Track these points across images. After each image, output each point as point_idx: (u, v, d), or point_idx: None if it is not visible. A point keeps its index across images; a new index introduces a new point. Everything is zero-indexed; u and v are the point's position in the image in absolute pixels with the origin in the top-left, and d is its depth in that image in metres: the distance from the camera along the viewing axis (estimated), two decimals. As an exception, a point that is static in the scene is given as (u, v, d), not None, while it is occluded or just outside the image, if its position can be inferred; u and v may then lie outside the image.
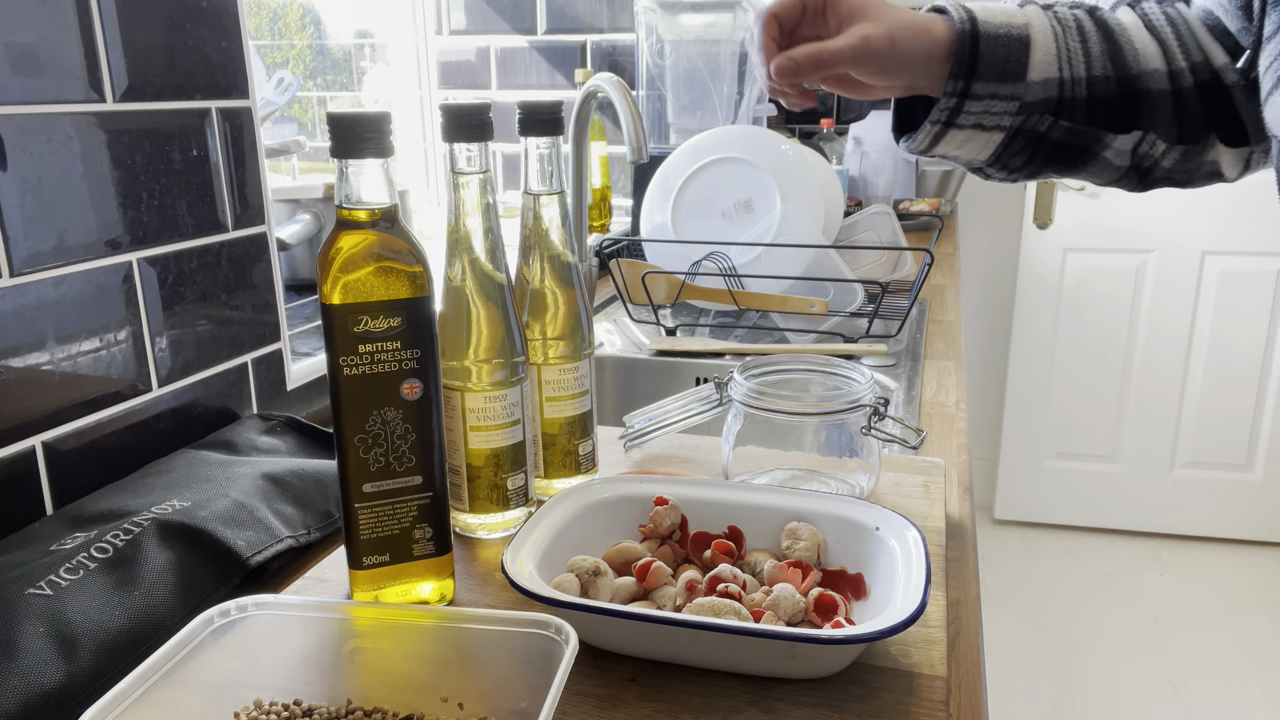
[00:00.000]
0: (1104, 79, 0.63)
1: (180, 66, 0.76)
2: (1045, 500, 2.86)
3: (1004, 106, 0.62)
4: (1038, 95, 0.62)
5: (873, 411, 0.70)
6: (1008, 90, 0.62)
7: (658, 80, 1.79)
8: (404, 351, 0.55)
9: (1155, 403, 2.71)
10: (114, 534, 0.60)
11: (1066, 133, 0.64)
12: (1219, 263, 2.59)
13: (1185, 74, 0.64)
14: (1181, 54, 0.64)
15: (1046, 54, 0.62)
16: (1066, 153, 0.65)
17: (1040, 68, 0.62)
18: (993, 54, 0.61)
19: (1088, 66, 0.63)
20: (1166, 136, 0.65)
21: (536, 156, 0.70)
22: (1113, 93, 0.63)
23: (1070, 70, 0.63)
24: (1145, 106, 0.63)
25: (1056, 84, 0.62)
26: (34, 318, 0.65)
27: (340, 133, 0.53)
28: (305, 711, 0.49)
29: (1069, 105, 0.63)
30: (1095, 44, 0.63)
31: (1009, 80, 0.62)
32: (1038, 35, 0.62)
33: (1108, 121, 0.64)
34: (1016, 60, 0.62)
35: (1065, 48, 0.63)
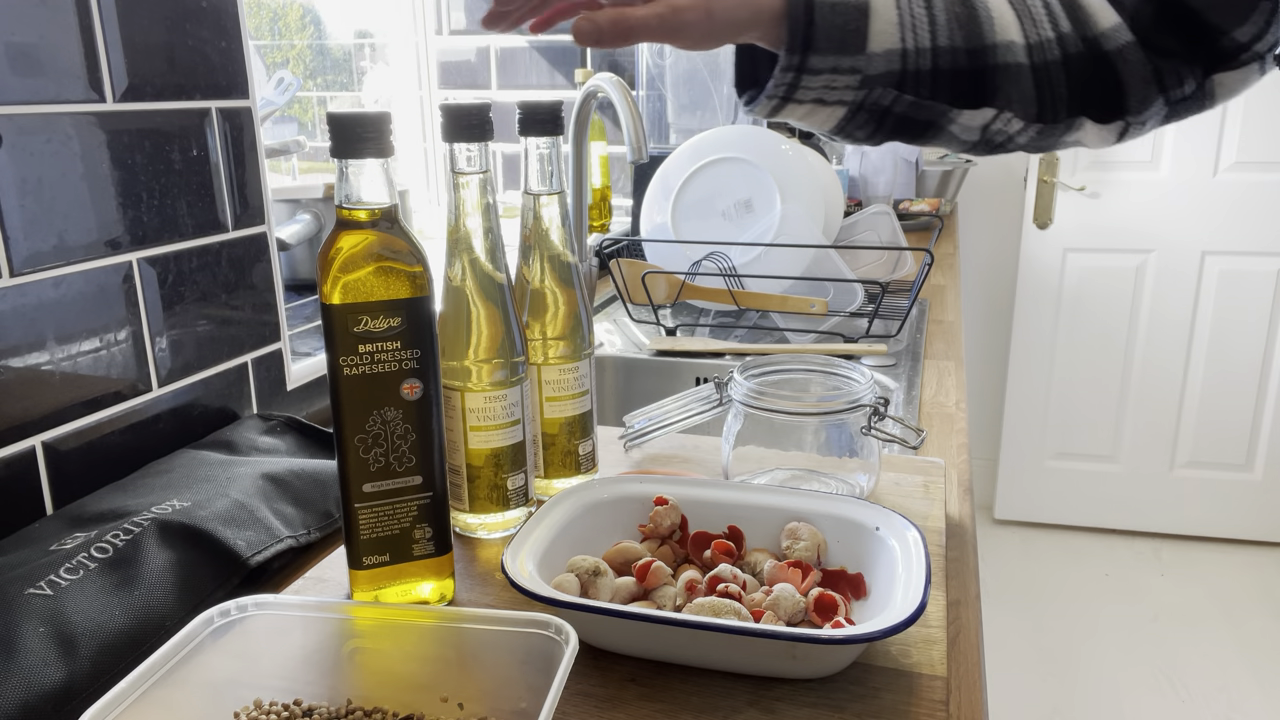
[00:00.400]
0: (950, 50, 0.58)
1: (180, 66, 0.76)
2: (1045, 500, 2.86)
3: (845, 81, 0.57)
4: (879, 68, 0.57)
5: (873, 411, 0.70)
6: (848, 63, 0.56)
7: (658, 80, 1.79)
8: (404, 351, 0.55)
9: (1155, 403, 2.71)
10: (114, 534, 0.60)
11: (910, 107, 0.59)
12: (1219, 263, 2.59)
13: (1050, 45, 0.59)
14: (1048, 23, 0.59)
15: (888, 22, 0.56)
16: (911, 126, 0.60)
17: (881, 38, 0.56)
18: (829, 23, 0.55)
19: (933, 35, 0.57)
20: (1024, 115, 0.60)
21: (536, 156, 0.70)
22: (960, 65, 0.58)
23: (914, 40, 0.57)
24: (1000, 82, 0.58)
25: (899, 55, 0.57)
26: (34, 318, 0.65)
27: (340, 133, 0.53)
28: (305, 711, 0.49)
29: (912, 78, 0.57)
30: (942, 10, 0.58)
31: (848, 52, 0.56)
32: (878, 2, 0.56)
33: (954, 97, 0.59)
34: (855, 30, 0.56)
35: (910, 14, 0.57)
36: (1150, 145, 2.55)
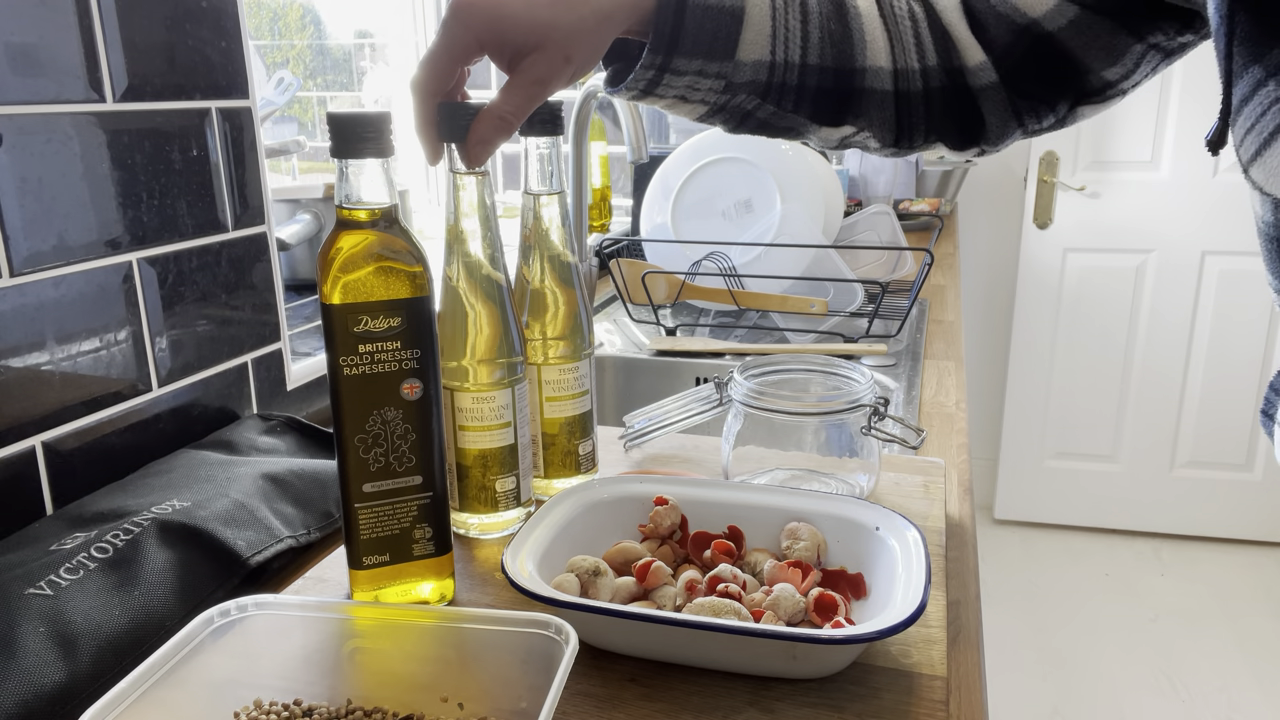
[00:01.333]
0: (819, 69, 0.58)
1: (180, 66, 0.76)
2: (1045, 500, 2.86)
3: (709, 84, 0.57)
4: (745, 76, 0.57)
5: (873, 411, 0.70)
6: (714, 68, 0.56)
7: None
8: (404, 351, 0.55)
9: (1155, 403, 2.71)
10: (114, 534, 0.60)
11: (771, 115, 0.59)
12: (1219, 263, 2.59)
13: (914, 76, 0.59)
14: (916, 53, 0.59)
15: (760, 33, 0.56)
16: (770, 129, 0.61)
17: (751, 48, 0.56)
18: (699, 28, 0.55)
19: (803, 52, 0.57)
20: (880, 138, 0.61)
21: (536, 156, 0.70)
22: (827, 84, 0.58)
23: (784, 53, 0.57)
24: (863, 104, 0.59)
25: (767, 67, 0.57)
26: (34, 318, 0.65)
27: (340, 133, 0.53)
28: (305, 711, 0.49)
29: (777, 90, 0.58)
30: (817, 27, 0.57)
31: (715, 58, 0.56)
32: (753, 10, 0.56)
33: (815, 113, 0.59)
34: (726, 35, 0.55)
35: (784, 27, 0.56)
36: (1150, 145, 2.56)
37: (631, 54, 0.60)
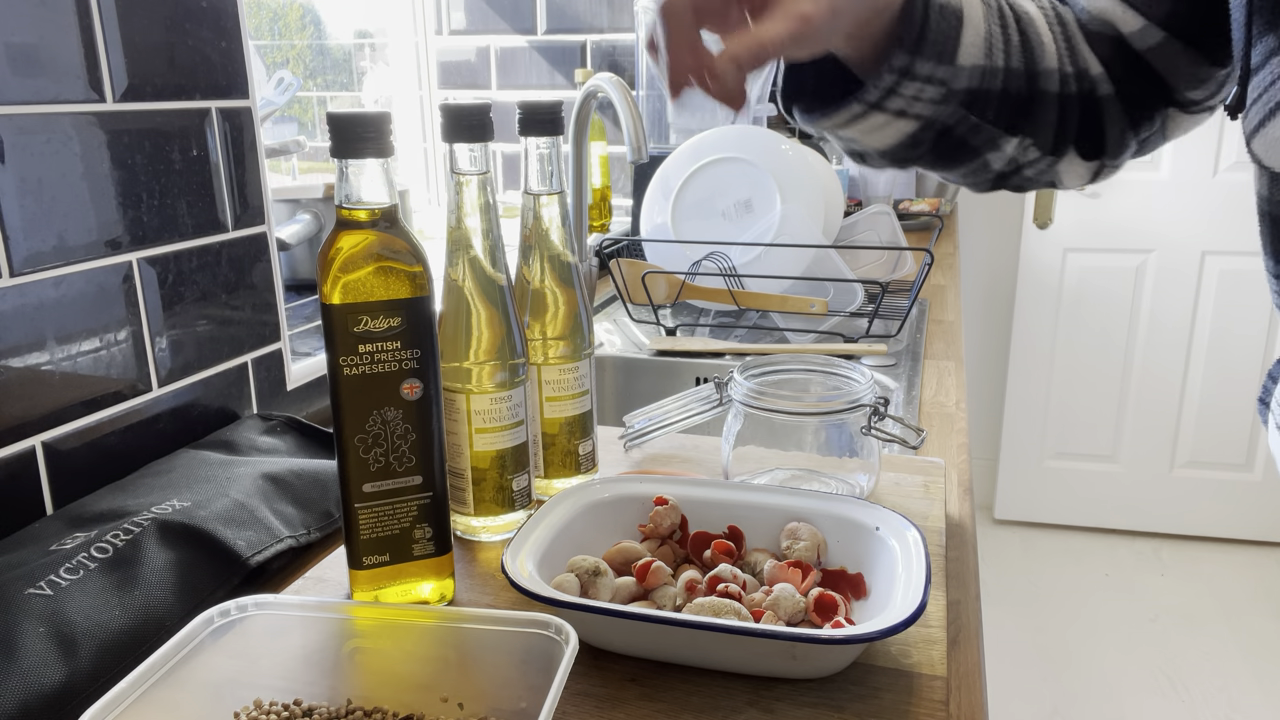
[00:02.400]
0: (1018, 73, 0.56)
1: (180, 66, 0.76)
2: (1045, 500, 2.86)
3: (932, 92, 0.54)
4: (963, 83, 0.54)
5: (873, 411, 0.70)
6: (941, 73, 0.53)
7: (658, 80, 1.79)
8: (404, 351, 0.55)
9: (1155, 403, 2.71)
10: (114, 534, 0.60)
11: (970, 130, 0.57)
12: (1219, 263, 2.59)
13: (1071, 80, 0.58)
14: (1070, 59, 0.58)
15: (977, 35, 0.54)
16: (959, 151, 0.59)
17: (970, 51, 0.54)
18: (938, 27, 0.52)
19: (1006, 56, 0.55)
20: (1042, 145, 0.59)
21: (536, 156, 0.70)
22: (1021, 90, 0.56)
23: (992, 59, 0.55)
24: (1036, 109, 0.57)
25: (980, 73, 0.54)
26: (34, 318, 0.65)
27: (340, 133, 0.53)
28: (305, 711, 0.49)
29: (981, 98, 0.55)
30: (1014, 31, 0.56)
31: (944, 61, 0.53)
32: (970, 9, 0.54)
33: (1009, 122, 0.57)
34: (953, 37, 0.53)
35: (991, 31, 0.54)
36: (1150, 145, 2.55)
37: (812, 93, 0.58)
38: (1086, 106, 0.59)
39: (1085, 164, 0.61)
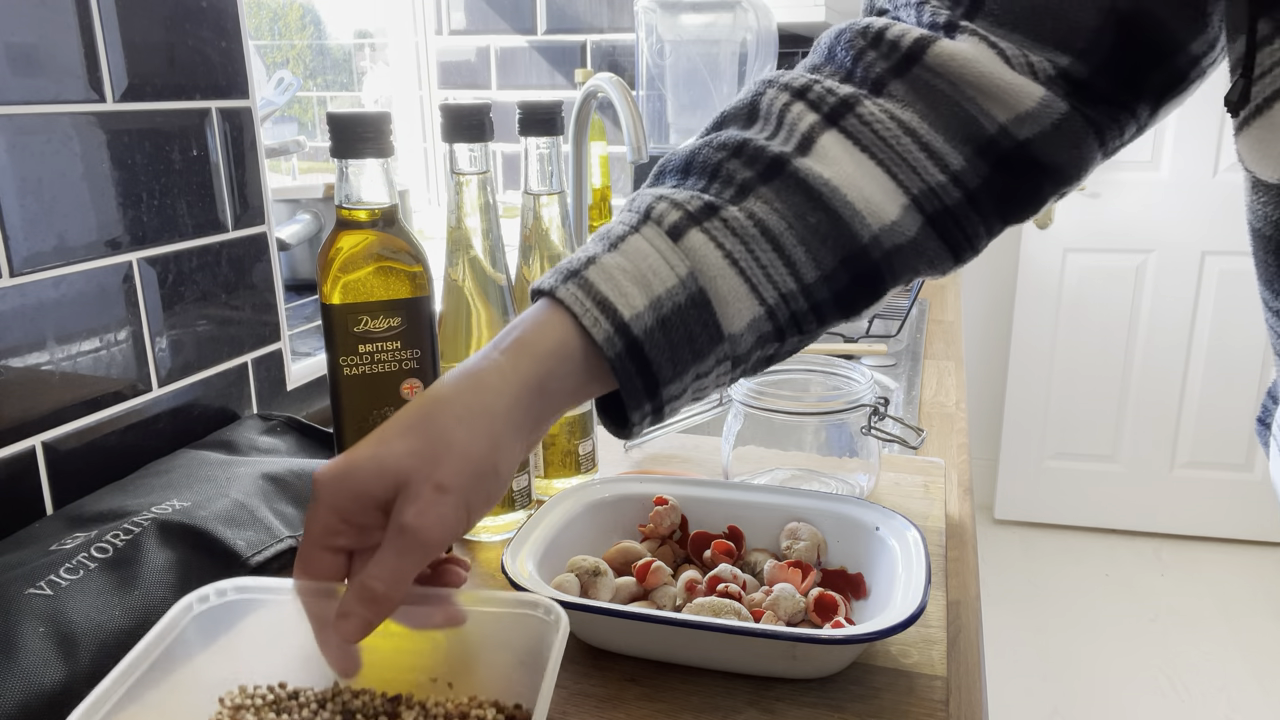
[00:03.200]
0: (823, 278, 0.47)
1: (180, 66, 0.76)
2: (1045, 500, 2.86)
3: (714, 373, 0.47)
4: (749, 342, 0.47)
5: (873, 411, 0.70)
6: (710, 362, 0.46)
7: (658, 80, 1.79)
8: (404, 351, 0.55)
9: (1155, 403, 2.71)
10: (114, 534, 0.60)
11: (799, 342, 0.50)
12: (1219, 263, 2.59)
13: (947, 189, 0.49)
14: (935, 167, 0.48)
15: (737, 296, 0.45)
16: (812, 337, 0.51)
17: (737, 316, 0.46)
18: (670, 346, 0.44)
19: (796, 276, 0.47)
20: (935, 270, 0.52)
21: (536, 156, 0.70)
22: (841, 284, 0.48)
23: (776, 291, 0.47)
24: (894, 266, 0.49)
25: (767, 317, 0.47)
26: (34, 318, 0.65)
27: (340, 133, 0.53)
28: (291, 694, 0.49)
29: (792, 323, 0.48)
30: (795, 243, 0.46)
31: (705, 354, 0.46)
32: (713, 283, 0.45)
33: (846, 310, 0.50)
34: (704, 326, 0.45)
35: (759, 267, 0.46)
36: (1150, 145, 2.55)
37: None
38: (1000, 182, 0.49)
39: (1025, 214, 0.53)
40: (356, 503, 0.41)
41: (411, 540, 0.40)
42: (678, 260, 0.45)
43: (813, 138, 0.48)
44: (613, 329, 0.43)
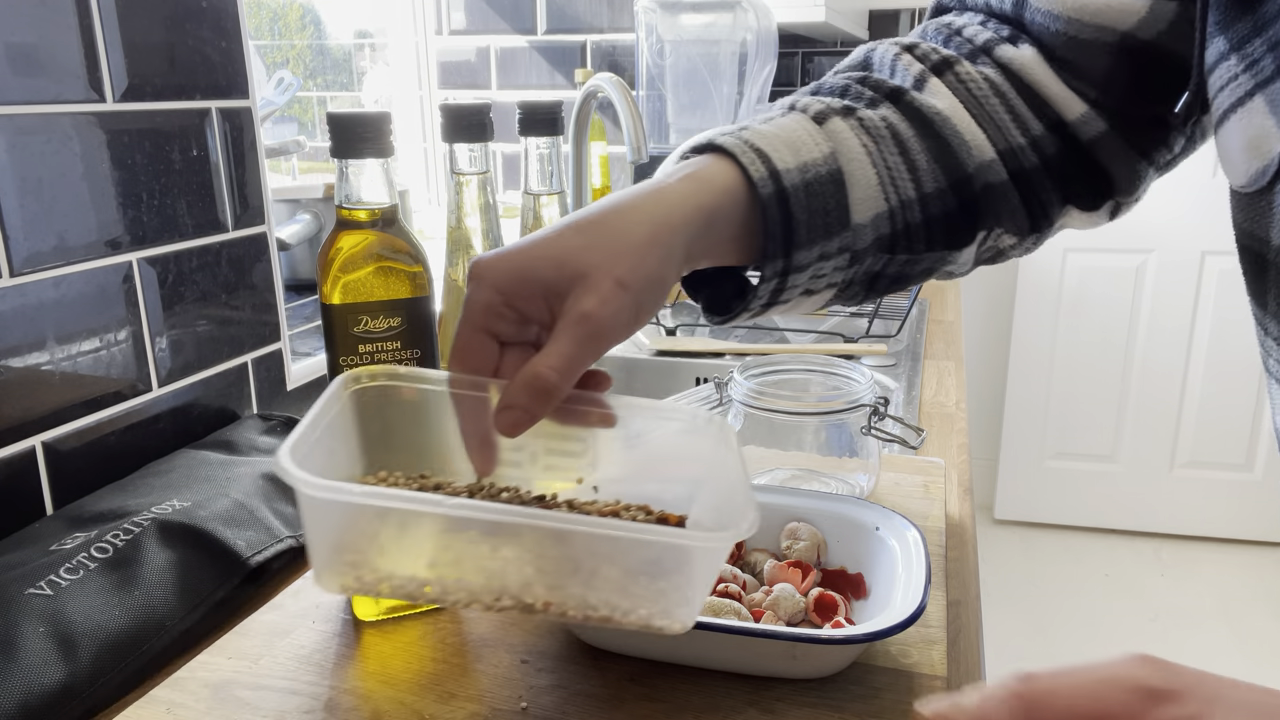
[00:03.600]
0: (938, 194, 0.50)
1: (180, 66, 0.76)
2: (1045, 500, 2.86)
3: (833, 264, 0.48)
4: (869, 238, 0.48)
5: (873, 411, 0.70)
6: (834, 245, 0.48)
7: (658, 80, 1.79)
8: (404, 351, 0.55)
9: (1155, 403, 2.71)
10: (114, 534, 0.60)
11: (905, 264, 0.51)
12: (1219, 263, 2.59)
13: (1024, 152, 0.52)
14: (1016, 128, 0.52)
15: (867, 186, 0.48)
16: (907, 279, 0.53)
17: (864, 205, 0.48)
18: (809, 210, 0.46)
19: (917, 184, 0.49)
20: (1016, 230, 0.54)
21: (536, 156, 0.70)
22: (950, 205, 0.50)
23: (898, 195, 0.49)
24: (986, 205, 0.52)
25: (887, 217, 0.49)
26: (34, 318, 0.65)
27: (340, 133, 0.53)
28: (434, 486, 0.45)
29: (905, 235, 0.50)
30: (918, 152, 0.50)
31: (833, 233, 0.47)
32: (850, 165, 0.48)
33: (950, 239, 0.51)
34: (837, 205, 0.47)
35: (886, 168, 0.49)
36: (1150, 145, 2.55)
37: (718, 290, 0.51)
38: (1068, 164, 0.53)
39: (1093, 214, 0.56)
40: (524, 286, 0.41)
41: (592, 328, 0.40)
42: (822, 139, 0.48)
43: (924, 80, 0.53)
44: (767, 173, 0.46)
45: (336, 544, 0.39)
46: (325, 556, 0.39)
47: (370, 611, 0.58)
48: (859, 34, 2.49)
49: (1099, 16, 0.50)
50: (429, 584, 0.39)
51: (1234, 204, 0.47)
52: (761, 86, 1.78)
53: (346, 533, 0.39)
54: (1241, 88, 0.43)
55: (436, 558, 0.40)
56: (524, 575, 0.39)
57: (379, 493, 0.38)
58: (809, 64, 2.67)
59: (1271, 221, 0.43)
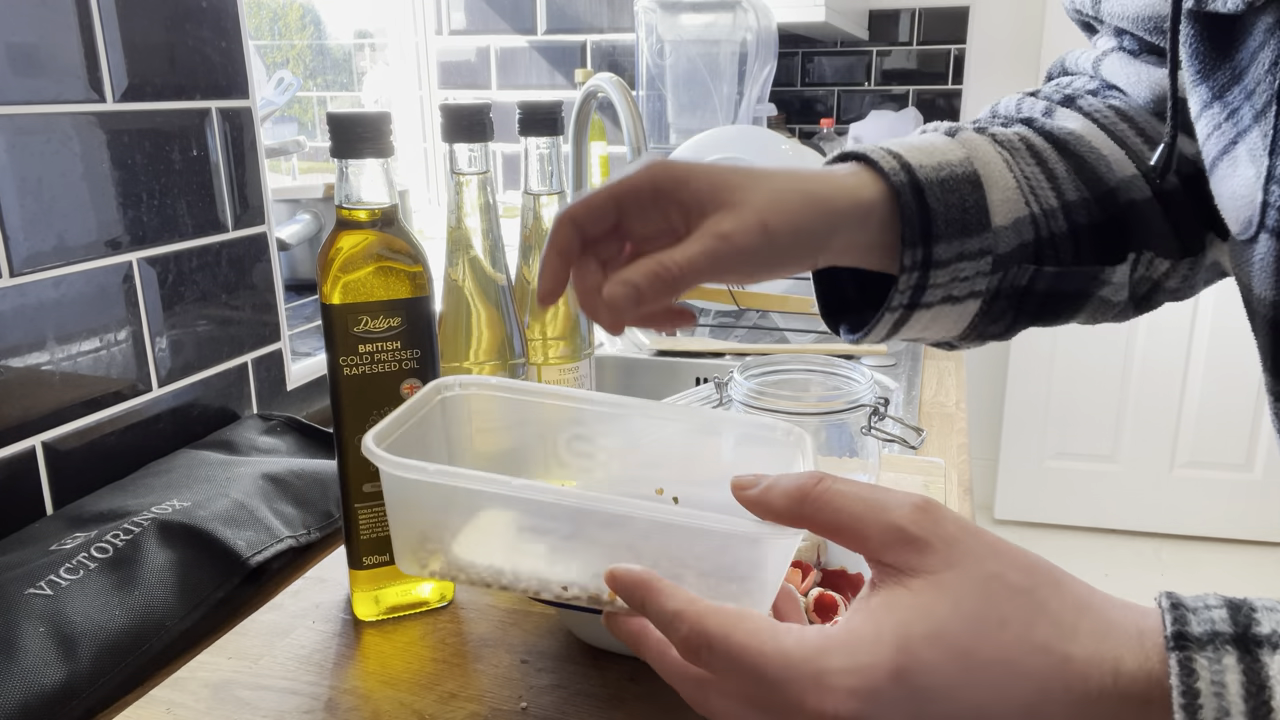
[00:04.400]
0: (1082, 203, 0.49)
1: (180, 66, 0.76)
2: (1045, 500, 2.86)
3: (975, 267, 0.47)
4: (1011, 243, 0.47)
5: (873, 411, 0.70)
6: (974, 246, 0.47)
7: (658, 80, 1.79)
8: (404, 351, 0.55)
9: (1155, 403, 2.71)
10: (114, 534, 0.60)
11: (1055, 279, 0.50)
12: (1219, 263, 2.59)
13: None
14: (1151, 152, 0.51)
15: (1006, 189, 0.48)
16: (1058, 302, 0.51)
17: (1004, 208, 0.47)
18: (945, 204, 0.46)
19: (1058, 192, 0.49)
20: (1167, 252, 0.51)
21: (536, 156, 0.70)
22: (1096, 217, 0.49)
23: (1039, 202, 0.49)
24: (1134, 223, 0.50)
25: (1029, 223, 0.48)
26: (34, 318, 0.65)
27: (340, 133, 0.53)
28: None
29: (1051, 245, 0.49)
30: (1056, 163, 0.50)
31: (972, 233, 0.46)
32: (987, 168, 0.48)
33: (1100, 253, 0.50)
34: (975, 205, 0.46)
35: (1024, 176, 0.49)
36: (1150, 145, 2.55)
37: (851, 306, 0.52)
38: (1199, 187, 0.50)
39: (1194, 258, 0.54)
40: (677, 188, 0.43)
41: (725, 246, 0.42)
42: (957, 145, 0.48)
43: (1051, 110, 0.54)
44: (899, 167, 0.46)
45: (419, 531, 0.41)
46: (408, 541, 0.41)
47: (370, 611, 0.58)
48: (859, 34, 2.49)
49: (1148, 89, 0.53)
50: (504, 573, 0.41)
51: (1230, 250, 0.46)
52: (761, 86, 1.78)
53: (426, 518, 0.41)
54: (1225, 136, 0.43)
55: (512, 546, 0.41)
56: (596, 566, 0.40)
57: (456, 473, 0.39)
58: (809, 64, 2.67)
59: (1253, 272, 0.43)
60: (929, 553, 0.33)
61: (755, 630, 0.33)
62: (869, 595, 0.34)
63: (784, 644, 0.32)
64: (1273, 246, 0.41)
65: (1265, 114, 0.40)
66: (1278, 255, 0.41)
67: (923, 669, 0.31)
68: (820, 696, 0.31)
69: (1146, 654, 0.30)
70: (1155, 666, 0.30)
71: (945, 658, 0.31)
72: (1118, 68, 0.54)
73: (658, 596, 0.35)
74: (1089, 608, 0.32)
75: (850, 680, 0.31)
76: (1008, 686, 0.30)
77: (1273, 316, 0.42)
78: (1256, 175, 0.41)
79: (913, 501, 0.34)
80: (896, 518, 0.34)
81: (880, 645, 0.31)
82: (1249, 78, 0.42)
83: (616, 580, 0.36)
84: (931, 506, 0.34)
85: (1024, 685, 0.30)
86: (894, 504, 0.34)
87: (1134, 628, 0.31)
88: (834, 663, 0.31)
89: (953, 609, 0.31)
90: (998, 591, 0.32)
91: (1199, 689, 0.29)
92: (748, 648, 0.32)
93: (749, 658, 0.32)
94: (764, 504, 0.36)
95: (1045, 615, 0.32)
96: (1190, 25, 0.44)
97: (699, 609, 0.34)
